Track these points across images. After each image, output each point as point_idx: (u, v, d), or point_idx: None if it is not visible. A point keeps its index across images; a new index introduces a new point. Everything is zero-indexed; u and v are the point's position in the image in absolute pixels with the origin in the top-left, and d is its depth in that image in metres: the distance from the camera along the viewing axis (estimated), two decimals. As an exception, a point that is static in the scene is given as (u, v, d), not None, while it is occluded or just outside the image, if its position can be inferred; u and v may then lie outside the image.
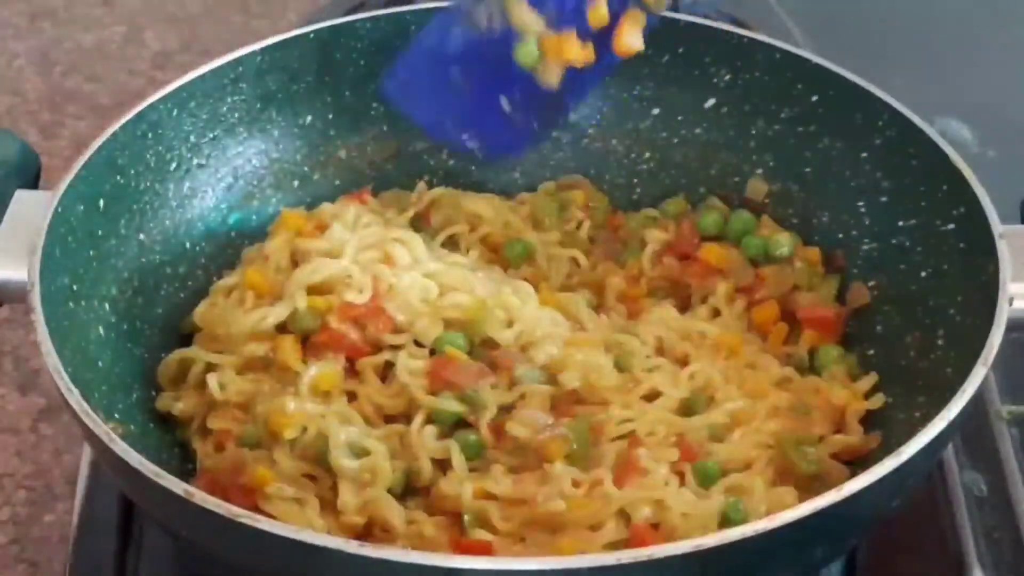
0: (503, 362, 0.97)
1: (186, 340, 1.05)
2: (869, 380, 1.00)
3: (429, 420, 0.95)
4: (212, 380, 0.98)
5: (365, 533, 0.91)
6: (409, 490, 0.93)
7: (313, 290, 1.00)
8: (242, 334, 0.99)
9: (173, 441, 0.99)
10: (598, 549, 0.86)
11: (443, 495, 0.91)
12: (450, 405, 0.94)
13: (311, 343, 0.98)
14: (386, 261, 1.02)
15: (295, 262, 1.03)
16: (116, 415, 0.93)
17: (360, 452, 0.93)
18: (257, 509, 0.89)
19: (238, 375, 0.99)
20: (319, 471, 0.93)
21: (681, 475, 0.92)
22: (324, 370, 0.96)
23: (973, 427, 1.04)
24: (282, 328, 0.99)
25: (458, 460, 0.92)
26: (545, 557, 0.83)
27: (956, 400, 0.85)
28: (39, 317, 0.89)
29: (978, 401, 0.88)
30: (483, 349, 0.98)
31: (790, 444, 0.94)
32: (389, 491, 0.91)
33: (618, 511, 0.89)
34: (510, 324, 1.00)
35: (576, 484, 0.90)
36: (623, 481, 0.90)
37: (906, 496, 0.88)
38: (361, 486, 0.91)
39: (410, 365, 0.96)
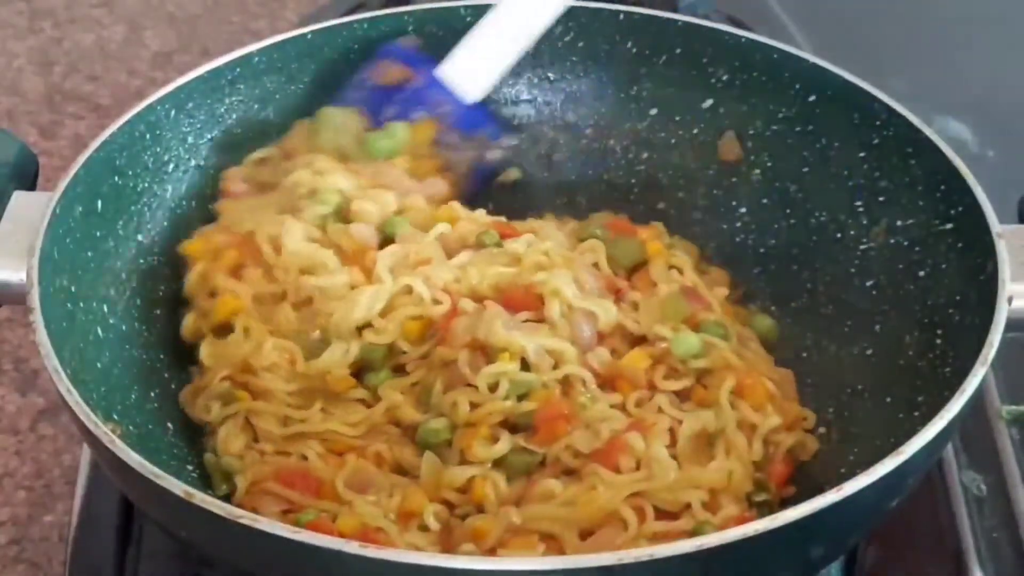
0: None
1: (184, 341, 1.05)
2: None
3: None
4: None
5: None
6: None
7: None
8: (318, 374, 0.98)
9: (172, 442, 0.99)
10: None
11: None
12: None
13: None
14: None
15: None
16: (115, 416, 0.92)
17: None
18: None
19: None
20: None
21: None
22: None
23: (973, 427, 1.05)
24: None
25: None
26: (546, 557, 0.84)
27: (956, 400, 0.84)
28: (38, 318, 0.89)
29: (978, 401, 0.88)
30: None
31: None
32: None
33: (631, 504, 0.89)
34: None
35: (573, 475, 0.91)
36: (612, 463, 0.90)
37: (906, 495, 0.88)
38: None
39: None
